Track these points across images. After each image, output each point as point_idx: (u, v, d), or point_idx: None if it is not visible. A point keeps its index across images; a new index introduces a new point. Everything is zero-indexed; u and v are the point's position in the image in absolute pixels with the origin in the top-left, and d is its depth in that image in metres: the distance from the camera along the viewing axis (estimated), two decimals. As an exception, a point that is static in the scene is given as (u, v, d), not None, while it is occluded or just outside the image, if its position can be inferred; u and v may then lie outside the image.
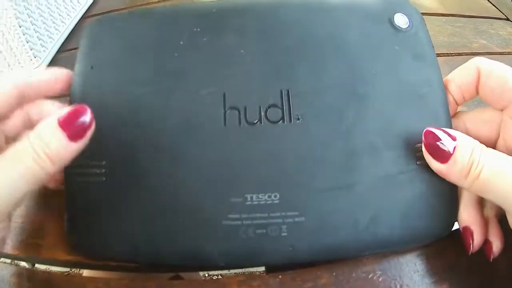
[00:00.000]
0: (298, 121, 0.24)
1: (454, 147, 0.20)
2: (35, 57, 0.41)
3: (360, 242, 0.22)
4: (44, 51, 0.42)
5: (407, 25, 0.26)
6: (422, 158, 0.22)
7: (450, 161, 0.21)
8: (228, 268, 0.25)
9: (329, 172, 0.23)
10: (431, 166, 0.22)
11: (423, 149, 0.22)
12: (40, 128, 0.19)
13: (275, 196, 0.23)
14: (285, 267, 0.24)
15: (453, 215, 0.23)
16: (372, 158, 0.23)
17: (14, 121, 0.24)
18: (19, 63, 0.41)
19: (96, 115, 0.24)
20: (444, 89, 0.24)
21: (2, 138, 0.23)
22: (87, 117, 0.20)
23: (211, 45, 0.26)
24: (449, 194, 0.23)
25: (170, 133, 0.24)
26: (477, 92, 0.24)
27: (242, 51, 0.25)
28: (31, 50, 0.41)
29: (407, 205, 0.23)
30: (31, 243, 0.25)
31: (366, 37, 0.26)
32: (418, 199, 0.23)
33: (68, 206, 0.24)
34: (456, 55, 0.41)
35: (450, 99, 0.24)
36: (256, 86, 0.25)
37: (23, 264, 0.26)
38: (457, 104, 0.25)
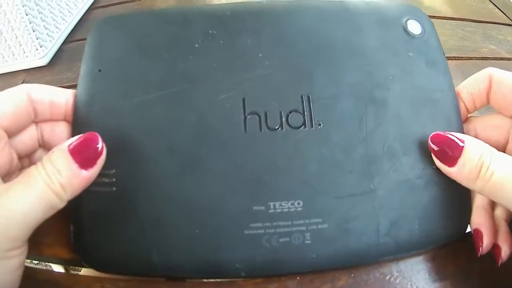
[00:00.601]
0: (319, 126, 0.23)
1: (462, 151, 0.21)
2: (41, 47, 0.40)
3: (381, 247, 0.22)
4: (50, 41, 0.41)
5: (420, 32, 0.27)
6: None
7: (459, 164, 0.21)
8: (248, 277, 0.23)
9: (351, 178, 0.23)
10: (441, 169, 0.22)
11: (432, 154, 0.22)
12: (52, 154, 0.19)
13: (298, 204, 0.22)
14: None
15: (467, 217, 0.23)
16: (392, 163, 0.23)
17: (27, 138, 0.23)
18: (24, 52, 0.40)
19: (104, 121, 0.23)
20: (456, 94, 0.25)
21: (14, 155, 0.22)
22: (98, 145, 0.20)
23: (228, 48, 0.25)
24: (463, 196, 0.23)
25: (186, 139, 0.23)
26: (488, 101, 0.24)
27: (260, 55, 0.25)
28: (37, 39, 0.40)
29: (425, 209, 0.23)
30: (32, 241, 0.24)
31: (381, 43, 0.26)
32: (435, 202, 0.23)
33: (75, 218, 0.22)
34: (466, 59, 0.41)
35: (462, 106, 0.25)
36: (276, 90, 0.24)
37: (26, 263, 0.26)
38: (468, 112, 0.25)
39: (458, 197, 0.23)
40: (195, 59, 0.24)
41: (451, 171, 0.21)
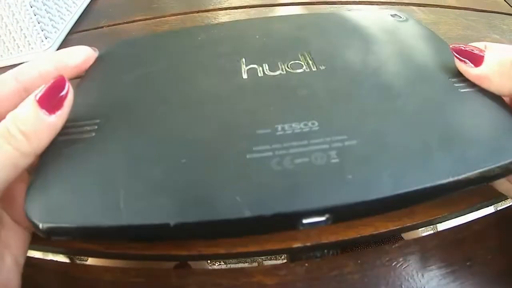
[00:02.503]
0: (322, 67, 0.23)
1: (484, 50, 0.20)
2: (46, 38, 0.40)
3: (438, 163, 0.16)
4: (55, 32, 0.41)
5: (402, 18, 0.29)
6: (462, 88, 0.21)
7: (486, 61, 0.20)
8: (256, 219, 0.15)
9: (369, 99, 0.20)
10: (469, 76, 0.21)
11: (456, 62, 0.21)
12: (17, 107, 0.18)
13: (313, 124, 0.18)
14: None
15: None
16: (411, 88, 0.21)
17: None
18: (29, 44, 0.40)
19: (98, 76, 0.23)
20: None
21: None
22: (64, 83, 0.19)
23: (227, 33, 0.27)
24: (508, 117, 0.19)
25: (179, 84, 0.23)
26: None
27: (256, 36, 0.27)
28: (42, 31, 0.40)
29: (475, 122, 0.19)
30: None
31: (370, 23, 0.28)
32: (483, 116, 0.19)
33: (41, 167, 0.18)
34: (470, 49, 0.41)
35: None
36: (274, 52, 0.25)
37: (34, 254, 0.26)
38: None
39: (502, 116, 0.19)
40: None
41: (479, 73, 0.20)
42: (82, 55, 0.24)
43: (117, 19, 0.45)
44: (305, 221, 0.15)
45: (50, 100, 0.18)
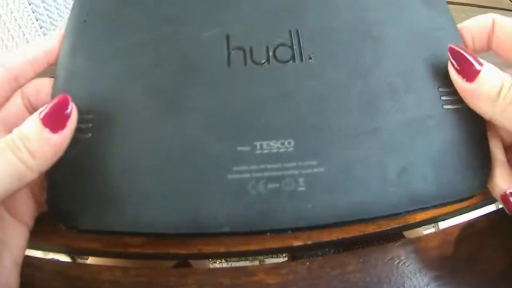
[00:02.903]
0: (310, 60, 0.22)
1: (482, 65, 0.20)
2: (44, 35, 0.40)
3: (390, 198, 0.19)
4: (54, 29, 0.41)
5: None
6: (448, 102, 0.21)
7: (478, 79, 0.19)
8: (233, 234, 0.20)
9: (350, 115, 0.21)
10: (457, 87, 0.20)
11: (449, 67, 0.21)
12: (23, 123, 0.18)
13: (289, 143, 0.20)
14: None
15: (487, 168, 0.21)
16: (394, 100, 0.21)
17: (13, 109, 0.22)
18: (28, 41, 0.40)
19: (86, 69, 0.22)
20: (458, 32, 0.23)
21: (2, 134, 0.21)
22: (67, 108, 0.19)
23: None
24: (480, 143, 0.21)
25: (167, 78, 0.22)
26: (489, 45, 0.23)
27: None
28: (40, 28, 0.40)
29: (438, 154, 0.20)
30: (39, 230, 0.23)
31: None
32: (449, 147, 0.21)
33: (50, 169, 0.20)
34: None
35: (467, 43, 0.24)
36: (262, 26, 0.23)
37: (34, 253, 0.25)
38: None
39: (476, 143, 0.21)
40: (178, 2, 0.24)
41: (468, 88, 0.20)
42: (58, 40, 0.23)
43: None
44: (269, 233, 0.20)
45: (53, 119, 0.18)
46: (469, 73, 0.20)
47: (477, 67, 0.20)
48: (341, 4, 0.24)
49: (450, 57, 0.21)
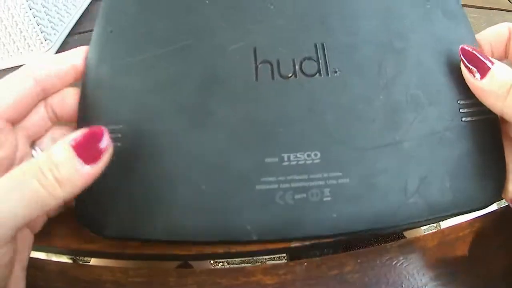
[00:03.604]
0: (335, 74, 0.22)
1: (493, 63, 0.20)
2: (45, 40, 0.40)
3: (411, 208, 0.20)
4: (54, 34, 0.41)
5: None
6: (467, 115, 0.22)
7: (489, 75, 0.20)
8: (260, 242, 0.21)
9: (373, 128, 0.21)
10: (469, 84, 0.21)
11: (461, 65, 0.21)
12: (52, 148, 0.17)
13: (315, 155, 0.21)
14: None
15: (502, 180, 0.22)
16: (416, 113, 0.22)
17: (36, 119, 0.22)
18: (29, 46, 0.40)
19: (113, 79, 0.22)
20: (478, 44, 0.24)
21: (23, 141, 0.21)
22: (104, 141, 0.18)
23: (239, 2, 0.25)
24: (496, 155, 0.22)
25: (195, 91, 0.22)
26: (506, 55, 0.23)
27: (271, 7, 0.25)
28: (41, 33, 0.40)
29: (456, 166, 0.21)
30: (43, 232, 0.23)
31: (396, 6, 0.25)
32: (466, 159, 0.21)
33: None
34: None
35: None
36: (288, 39, 0.24)
37: (36, 255, 0.26)
38: None
39: (491, 155, 0.22)
40: (205, 14, 0.24)
41: (479, 85, 0.20)
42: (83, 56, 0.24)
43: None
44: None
45: (88, 150, 0.17)
46: (480, 70, 0.20)
47: (489, 64, 0.20)
48: (364, 18, 0.24)
49: (462, 56, 0.21)
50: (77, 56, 0.23)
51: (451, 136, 0.21)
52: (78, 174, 0.17)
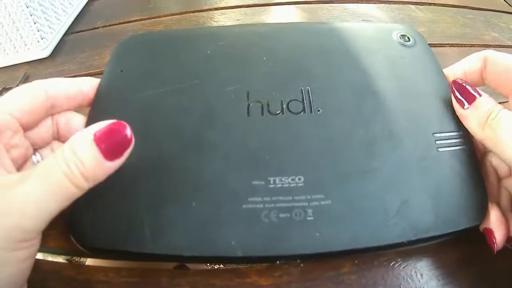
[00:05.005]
0: (318, 112, 0.25)
1: (480, 95, 0.23)
2: (42, 39, 0.40)
3: (392, 228, 0.21)
4: (51, 33, 0.41)
5: (410, 41, 0.30)
6: (442, 145, 0.23)
7: (472, 107, 0.23)
8: (246, 260, 0.22)
9: (353, 156, 0.23)
10: (456, 111, 0.24)
11: (452, 96, 0.24)
12: (74, 143, 0.18)
13: (299, 179, 0.22)
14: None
15: (484, 201, 0.22)
16: (393, 143, 0.23)
17: (43, 131, 0.23)
18: (26, 44, 0.40)
19: (119, 109, 0.25)
20: (447, 83, 0.26)
21: (29, 147, 0.23)
22: (126, 133, 0.19)
23: (236, 54, 0.28)
24: (475, 180, 0.23)
25: (192, 121, 0.24)
26: (483, 81, 0.25)
27: (264, 58, 0.28)
28: (38, 31, 0.40)
29: (436, 189, 0.22)
30: None
31: (376, 48, 0.29)
32: (446, 183, 0.22)
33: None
34: (469, 46, 0.41)
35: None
36: (278, 84, 0.26)
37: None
38: None
39: (470, 180, 0.23)
40: (206, 61, 0.28)
41: (463, 112, 0.23)
42: (94, 85, 0.26)
43: (113, 20, 0.45)
44: (279, 261, 0.22)
45: (112, 150, 0.18)
46: (469, 97, 0.23)
47: (475, 95, 0.23)
48: (345, 67, 0.28)
49: (454, 88, 0.24)
50: (87, 84, 0.25)
51: (428, 164, 0.23)
52: (101, 168, 0.18)
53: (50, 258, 0.27)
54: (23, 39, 0.40)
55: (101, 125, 0.18)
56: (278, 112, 0.25)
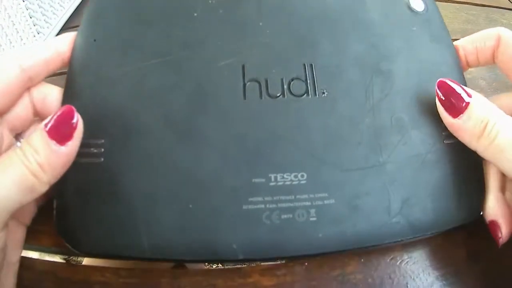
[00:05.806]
0: (323, 94, 0.23)
1: (468, 103, 0.20)
2: (38, 33, 0.39)
3: (393, 227, 0.21)
4: (47, 27, 0.40)
5: (423, 9, 0.27)
6: (449, 137, 0.22)
7: (464, 116, 0.20)
8: (247, 261, 0.22)
9: (359, 150, 0.22)
10: (443, 120, 0.21)
11: (436, 100, 0.21)
12: (30, 135, 0.18)
13: (302, 176, 0.21)
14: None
15: (481, 197, 0.22)
16: (401, 136, 0.22)
17: (20, 110, 0.22)
18: (22, 39, 0.39)
19: (97, 89, 0.22)
20: (461, 70, 0.25)
21: (6, 133, 0.21)
22: (73, 119, 0.19)
23: (228, 17, 0.25)
24: (476, 175, 0.22)
25: (182, 107, 0.22)
26: (494, 60, 0.24)
27: (260, 23, 0.24)
28: (34, 26, 0.39)
29: (437, 187, 0.22)
30: (33, 231, 0.22)
31: (385, 16, 0.26)
32: (447, 180, 0.22)
33: (59, 192, 0.20)
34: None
35: (462, 59, 0.25)
36: (277, 58, 0.23)
37: (29, 254, 0.25)
38: (469, 66, 0.25)
39: (471, 176, 0.22)
40: (194, 28, 0.24)
41: (453, 123, 0.21)
42: (71, 41, 0.23)
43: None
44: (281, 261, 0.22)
45: (59, 131, 0.18)
46: (454, 109, 0.20)
47: (463, 104, 0.20)
48: (353, 39, 0.25)
49: (437, 90, 0.21)
50: (62, 42, 0.23)
51: (433, 158, 0.22)
52: (55, 156, 0.18)
53: (47, 257, 0.26)
54: (19, 34, 0.39)
55: (50, 116, 0.18)
56: (278, 94, 0.22)
